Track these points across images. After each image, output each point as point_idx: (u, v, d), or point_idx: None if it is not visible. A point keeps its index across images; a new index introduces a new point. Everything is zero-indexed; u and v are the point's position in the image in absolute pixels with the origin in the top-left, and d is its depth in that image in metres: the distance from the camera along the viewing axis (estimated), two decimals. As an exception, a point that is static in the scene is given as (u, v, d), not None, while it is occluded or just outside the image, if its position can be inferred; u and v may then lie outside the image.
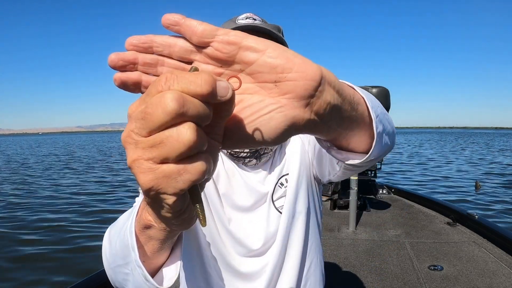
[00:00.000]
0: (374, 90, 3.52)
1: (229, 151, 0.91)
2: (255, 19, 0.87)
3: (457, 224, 3.39)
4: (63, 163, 20.16)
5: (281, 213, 0.94)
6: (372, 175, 4.36)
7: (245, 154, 0.92)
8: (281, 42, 0.84)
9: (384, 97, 3.53)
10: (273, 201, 0.95)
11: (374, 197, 4.43)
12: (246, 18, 0.87)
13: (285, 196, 0.93)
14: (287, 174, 0.97)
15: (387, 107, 3.56)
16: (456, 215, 3.49)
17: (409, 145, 34.74)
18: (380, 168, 4.41)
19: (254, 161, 0.93)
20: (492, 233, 2.93)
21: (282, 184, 0.96)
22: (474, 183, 10.04)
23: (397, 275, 2.39)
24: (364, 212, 3.99)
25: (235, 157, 0.93)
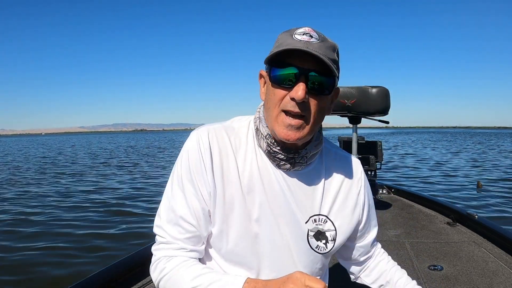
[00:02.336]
0: (373, 90, 3.51)
1: (268, 149, 0.95)
2: (311, 36, 0.86)
3: (457, 224, 3.38)
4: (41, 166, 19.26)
5: (314, 250, 1.01)
6: (372, 175, 4.35)
7: (283, 156, 0.95)
8: (332, 67, 0.84)
9: (383, 97, 3.52)
10: (308, 232, 1.00)
11: (374, 197, 4.41)
12: (303, 34, 0.86)
13: (324, 240, 1.02)
14: (336, 228, 1.03)
15: (386, 107, 3.56)
16: (456, 215, 3.48)
17: (410, 145, 34.63)
18: (380, 168, 4.40)
19: (288, 166, 0.96)
20: (492, 233, 2.93)
21: (325, 232, 1.02)
22: (476, 183, 10.03)
23: None
24: None
25: (272, 156, 0.96)
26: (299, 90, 0.83)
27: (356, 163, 1.10)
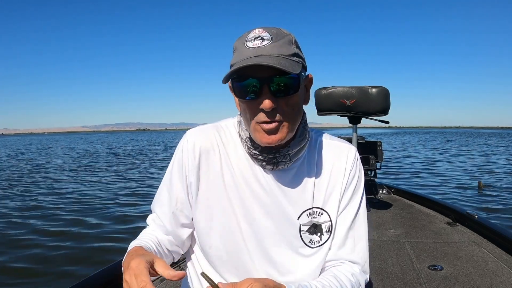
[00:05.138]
0: (373, 90, 3.51)
1: (249, 151, 0.97)
2: (263, 39, 0.85)
3: (457, 224, 3.39)
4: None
5: (307, 245, 1.00)
6: (372, 175, 4.35)
7: (263, 157, 0.95)
8: (286, 69, 0.81)
9: (383, 97, 3.52)
10: (301, 228, 0.99)
11: (374, 197, 4.42)
12: (254, 39, 0.85)
13: (319, 233, 1.01)
14: (331, 219, 1.01)
15: (386, 107, 3.56)
16: (456, 215, 3.48)
17: (411, 145, 34.50)
18: (380, 168, 4.40)
19: (271, 166, 0.96)
20: (492, 233, 2.93)
21: (321, 224, 1.01)
22: (477, 183, 10.03)
23: (397, 275, 2.39)
24: None
25: (254, 158, 0.97)
26: (265, 101, 0.84)
27: (350, 150, 1.05)
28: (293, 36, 0.90)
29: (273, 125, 0.87)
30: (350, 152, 1.05)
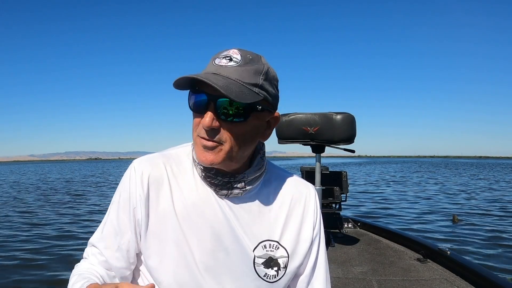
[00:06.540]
0: (338, 116, 3.36)
1: (203, 174, 0.96)
2: (231, 59, 0.87)
3: (428, 260, 3.28)
4: None
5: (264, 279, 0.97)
6: (337, 207, 4.21)
7: (217, 182, 0.95)
8: (230, 96, 0.82)
9: (349, 124, 3.38)
10: (255, 260, 0.96)
11: (339, 232, 4.27)
12: (224, 58, 0.88)
13: (276, 267, 0.98)
14: (289, 254, 0.99)
15: (352, 135, 3.41)
16: (427, 251, 3.37)
17: (379, 175, 34.42)
18: (346, 200, 4.25)
19: (225, 191, 0.95)
20: (465, 270, 2.82)
21: (277, 259, 0.98)
22: (452, 216, 9.98)
23: None
24: (328, 247, 3.78)
25: (208, 182, 0.96)
26: (206, 118, 0.86)
27: (309, 188, 1.09)
28: (264, 69, 0.89)
29: (210, 143, 0.88)
30: (312, 191, 1.07)
